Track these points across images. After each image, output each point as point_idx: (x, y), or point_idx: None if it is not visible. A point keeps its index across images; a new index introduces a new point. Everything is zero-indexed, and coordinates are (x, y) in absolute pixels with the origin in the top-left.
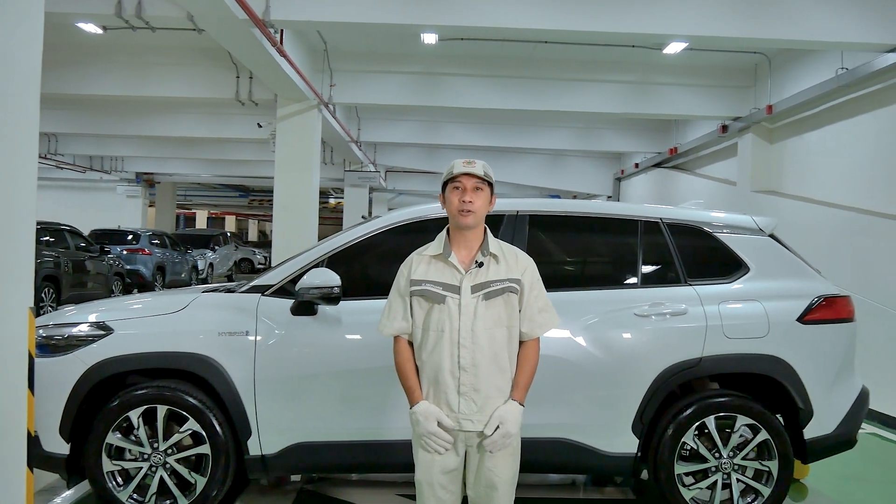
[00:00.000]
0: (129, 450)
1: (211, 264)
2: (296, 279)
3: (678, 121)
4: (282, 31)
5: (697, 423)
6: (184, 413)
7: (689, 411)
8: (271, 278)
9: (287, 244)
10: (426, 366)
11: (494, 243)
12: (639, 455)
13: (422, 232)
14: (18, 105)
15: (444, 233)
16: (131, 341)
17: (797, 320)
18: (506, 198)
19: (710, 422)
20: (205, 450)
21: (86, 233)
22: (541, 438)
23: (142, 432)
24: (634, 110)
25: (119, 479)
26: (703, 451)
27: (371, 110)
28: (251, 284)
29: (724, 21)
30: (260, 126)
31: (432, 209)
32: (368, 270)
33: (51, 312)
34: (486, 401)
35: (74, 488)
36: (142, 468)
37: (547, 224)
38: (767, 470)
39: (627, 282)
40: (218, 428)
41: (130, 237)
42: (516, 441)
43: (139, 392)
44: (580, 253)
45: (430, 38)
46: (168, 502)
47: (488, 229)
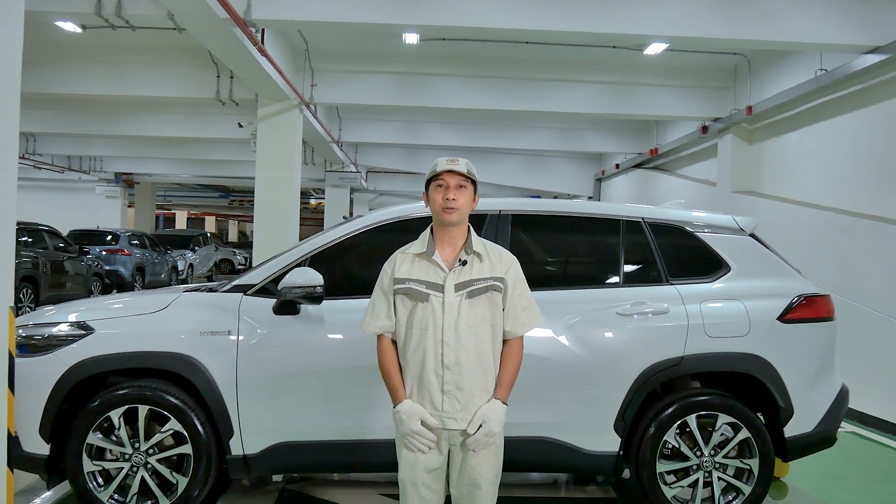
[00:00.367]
0: (110, 450)
1: (191, 265)
2: (278, 278)
3: (658, 121)
4: (263, 30)
5: (679, 422)
6: (165, 413)
7: (670, 410)
8: (253, 277)
9: (268, 244)
10: (410, 364)
11: (478, 242)
12: (621, 454)
13: (404, 231)
14: None
15: (427, 231)
16: (112, 341)
17: (777, 319)
18: (487, 198)
19: (692, 420)
20: (186, 450)
21: (64, 233)
22: (523, 437)
23: (123, 432)
24: (615, 111)
25: (100, 480)
26: (685, 449)
27: (352, 110)
28: (233, 284)
29: (705, 22)
30: (241, 126)
31: (414, 208)
32: (351, 270)
33: (29, 313)
34: (470, 399)
35: (54, 489)
36: (123, 468)
37: (530, 224)
38: (748, 468)
39: (609, 281)
40: (200, 428)
41: (109, 237)
42: (499, 440)
43: (120, 392)
44: (563, 252)
45: (411, 38)
46: (149, 503)
47: (472, 228)
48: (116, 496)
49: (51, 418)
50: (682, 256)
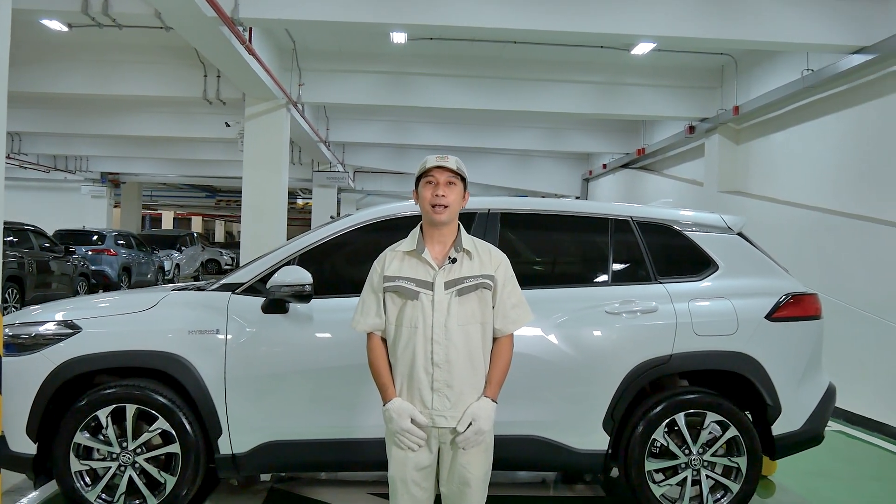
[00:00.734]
0: (98, 449)
1: (177, 265)
2: (266, 277)
3: (646, 121)
4: (250, 29)
5: (667, 420)
6: (153, 412)
7: (659, 408)
8: (242, 276)
9: (256, 244)
10: (399, 362)
11: (468, 239)
12: (610, 452)
13: (392, 230)
14: None
15: (417, 229)
16: (100, 340)
17: (765, 318)
18: (475, 197)
19: (680, 419)
20: (174, 449)
21: (50, 233)
22: (512, 436)
23: (110, 432)
24: (603, 111)
25: (87, 479)
26: (673, 447)
27: (340, 110)
28: (221, 283)
29: (692, 22)
30: (228, 125)
31: (403, 207)
32: (340, 268)
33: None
34: (460, 397)
35: (41, 489)
36: (111, 468)
37: (518, 222)
38: (736, 466)
39: (598, 280)
40: (188, 427)
41: (96, 237)
42: (489, 438)
43: (108, 391)
44: (551, 251)
45: (399, 38)
46: (137, 502)
47: (461, 226)
48: (104, 496)
49: (38, 418)
50: (671, 255)
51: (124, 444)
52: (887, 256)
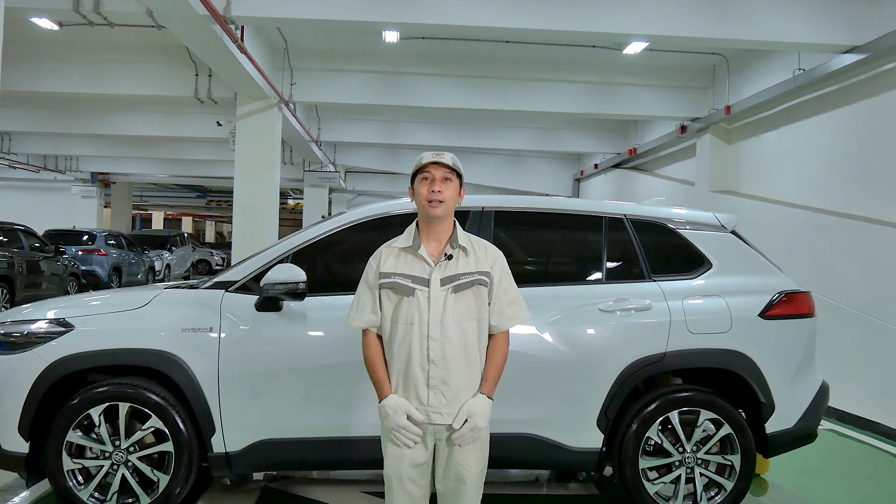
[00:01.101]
0: (91, 448)
1: (168, 265)
2: (260, 275)
3: (637, 121)
4: (242, 27)
5: (661, 418)
6: (146, 410)
7: (653, 406)
8: (235, 274)
9: (247, 244)
10: (395, 359)
11: (464, 236)
12: (604, 450)
13: (387, 228)
14: None
15: (413, 225)
16: (92, 338)
17: (759, 316)
18: (468, 195)
19: (674, 416)
20: (168, 447)
21: (40, 233)
22: (506, 434)
23: (103, 430)
24: (595, 110)
25: (80, 478)
26: (667, 445)
27: (331, 109)
28: (215, 280)
29: (684, 21)
30: (219, 124)
31: (397, 205)
32: (334, 266)
33: (6, 311)
34: (456, 394)
35: (32, 488)
36: (103, 466)
37: (512, 220)
38: (730, 464)
39: (592, 278)
40: (181, 425)
41: (86, 237)
42: (485, 435)
43: (101, 389)
44: (545, 249)
45: (391, 37)
46: (130, 501)
47: (457, 222)
48: (97, 494)
49: (30, 416)
50: (665, 253)
51: (117, 443)
52: (879, 255)
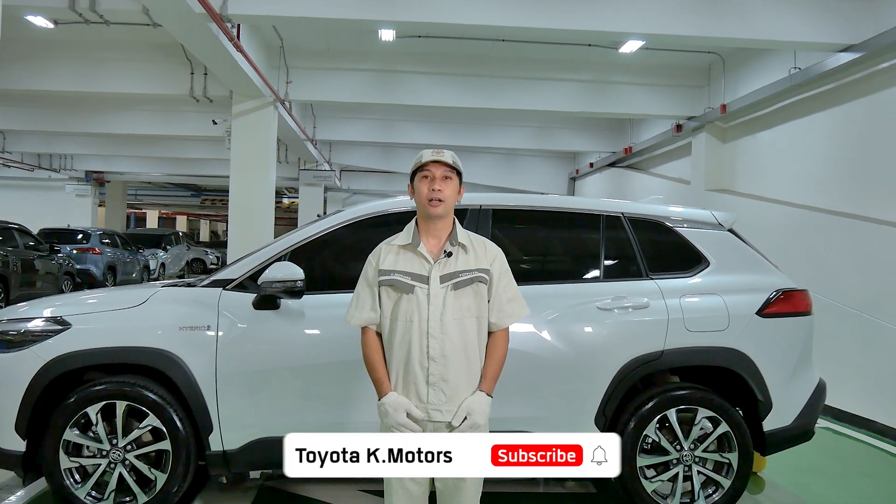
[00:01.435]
0: (88, 446)
1: (163, 264)
2: (258, 273)
3: (633, 120)
4: (238, 25)
5: (659, 416)
6: (143, 409)
7: (650, 404)
8: (233, 272)
9: (243, 243)
10: (395, 356)
11: (463, 233)
12: None
13: (384, 225)
14: None
15: (412, 223)
16: (89, 336)
17: (756, 314)
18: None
19: (672, 414)
20: (165, 446)
21: (34, 232)
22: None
23: (100, 428)
24: (590, 109)
25: (77, 477)
26: (665, 443)
27: (327, 108)
28: (212, 279)
29: (680, 20)
30: (215, 123)
31: (396, 203)
32: (332, 264)
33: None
34: (455, 391)
35: (29, 486)
36: (100, 465)
37: (510, 218)
38: (728, 462)
39: (590, 276)
40: (178, 424)
41: (81, 236)
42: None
43: (98, 387)
44: (543, 247)
45: (387, 35)
46: (127, 499)
47: (457, 220)
48: (94, 493)
49: (27, 414)
50: (662, 251)
51: (114, 441)
52: (875, 254)
